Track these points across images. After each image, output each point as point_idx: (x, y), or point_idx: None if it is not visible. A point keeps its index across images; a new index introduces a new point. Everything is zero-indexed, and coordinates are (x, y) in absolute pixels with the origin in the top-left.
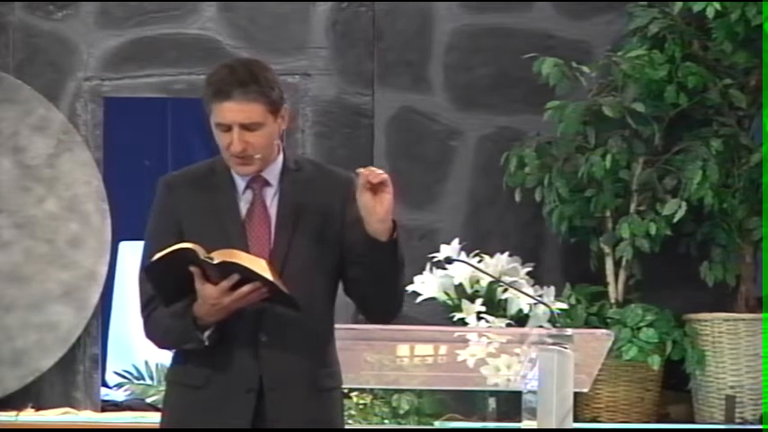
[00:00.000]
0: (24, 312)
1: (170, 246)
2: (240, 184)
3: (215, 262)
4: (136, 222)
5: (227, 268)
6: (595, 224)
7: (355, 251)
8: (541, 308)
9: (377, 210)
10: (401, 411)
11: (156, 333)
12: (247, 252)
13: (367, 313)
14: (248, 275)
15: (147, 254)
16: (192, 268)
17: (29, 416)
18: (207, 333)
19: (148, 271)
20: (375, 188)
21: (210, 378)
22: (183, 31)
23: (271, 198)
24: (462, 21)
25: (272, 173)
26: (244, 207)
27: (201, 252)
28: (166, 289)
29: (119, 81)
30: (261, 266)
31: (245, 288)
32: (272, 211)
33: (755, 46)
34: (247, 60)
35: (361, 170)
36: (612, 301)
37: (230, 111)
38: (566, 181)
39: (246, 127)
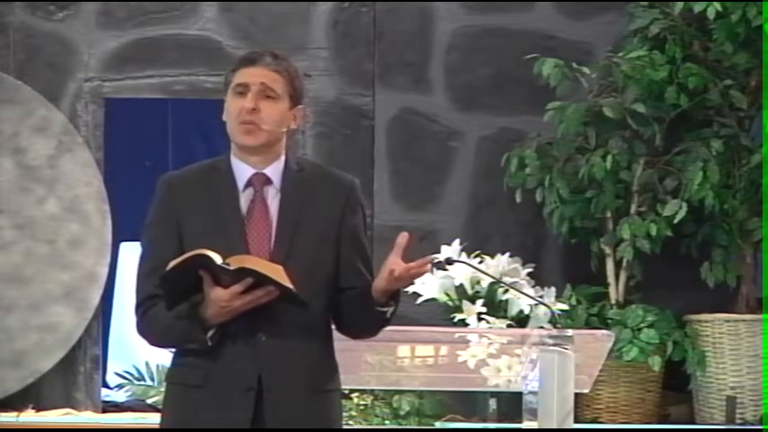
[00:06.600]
0: (25, 313)
1: (170, 244)
2: (241, 181)
3: (231, 268)
4: (136, 223)
5: (243, 274)
6: (596, 225)
7: (345, 274)
8: (542, 309)
9: (399, 281)
10: (402, 412)
11: (153, 331)
12: (247, 250)
13: (336, 326)
14: (263, 281)
15: (146, 253)
16: (202, 272)
17: (29, 417)
18: (210, 334)
19: (164, 278)
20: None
21: (210, 377)
22: (184, 31)
23: (272, 197)
24: (463, 21)
25: (275, 171)
26: (244, 205)
27: (218, 258)
28: (176, 293)
29: (119, 82)
30: (278, 272)
31: (259, 292)
32: (273, 210)
33: (756, 47)
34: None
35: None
36: (613, 301)
37: (253, 74)
38: (566, 182)
39: (264, 93)
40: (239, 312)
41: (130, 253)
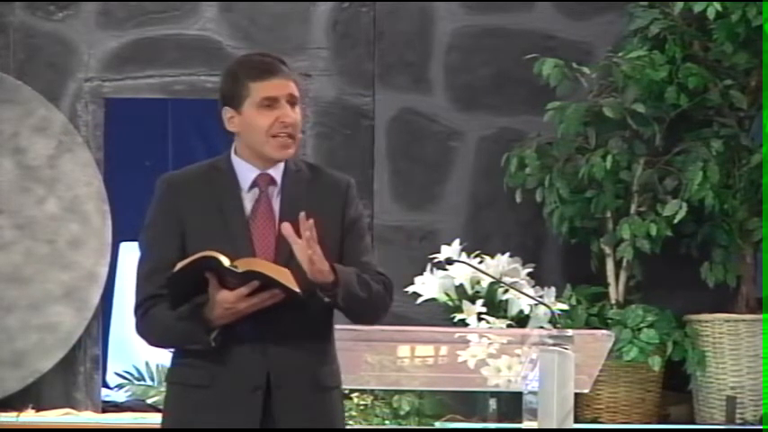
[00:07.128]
0: (25, 313)
1: (171, 244)
2: (244, 181)
3: (239, 270)
4: (136, 223)
5: (250, 277)
6: (596, 225)
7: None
8: (542, 309)
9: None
10: (402, 412)
11: (153, 332)
12: (252, 249)
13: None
14: (270, 284)
15: (146, 253)
16: (208, 274)
17: (29, 417)
18: (213, 335)
19: (172, 279)
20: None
21: (217, 377)
22: (184, 31)
23: (274, 197)
24: (463, 21)
25: (277, 171)
26: (248, 205)
27: (226, 260)
28: (181, 294)
29: (119, 82)
30: (285, 275)
31: (265, 295)
32: (277, 211)
33: (756, 47)
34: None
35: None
36: (613, 301)
37: (277, 86)
38: (566, 182)
39: (291, 102)
40: (243, 314)
41: (130, 253)
